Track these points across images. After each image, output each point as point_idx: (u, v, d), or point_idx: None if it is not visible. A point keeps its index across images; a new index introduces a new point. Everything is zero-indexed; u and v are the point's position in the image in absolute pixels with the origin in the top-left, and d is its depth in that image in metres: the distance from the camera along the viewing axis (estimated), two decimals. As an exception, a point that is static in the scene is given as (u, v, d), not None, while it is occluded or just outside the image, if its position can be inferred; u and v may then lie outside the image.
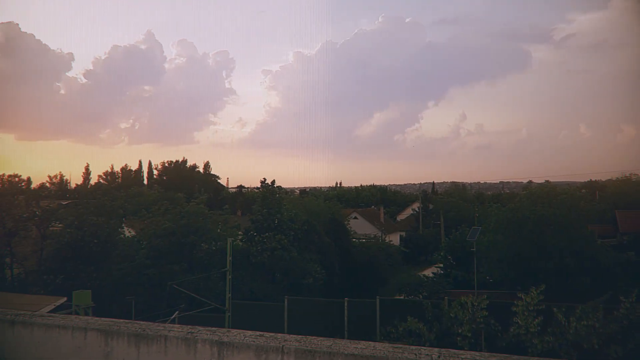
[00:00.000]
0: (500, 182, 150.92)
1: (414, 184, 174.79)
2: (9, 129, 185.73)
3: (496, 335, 19.49)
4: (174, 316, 21.06)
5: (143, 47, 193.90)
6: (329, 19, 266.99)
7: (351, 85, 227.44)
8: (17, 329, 3.70)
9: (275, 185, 35.40)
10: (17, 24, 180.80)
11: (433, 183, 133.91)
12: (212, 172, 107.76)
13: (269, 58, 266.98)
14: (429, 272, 35.98)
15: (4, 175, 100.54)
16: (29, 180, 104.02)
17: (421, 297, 28.09)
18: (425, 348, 2.69)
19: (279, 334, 2.96)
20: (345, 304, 24.74)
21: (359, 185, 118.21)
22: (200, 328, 3.18)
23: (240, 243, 32.67)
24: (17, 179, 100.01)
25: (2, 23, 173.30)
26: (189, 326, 3.26)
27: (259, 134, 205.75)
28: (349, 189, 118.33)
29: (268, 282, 29.58)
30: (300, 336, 2.89)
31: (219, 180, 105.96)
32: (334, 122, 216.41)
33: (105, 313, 19.22)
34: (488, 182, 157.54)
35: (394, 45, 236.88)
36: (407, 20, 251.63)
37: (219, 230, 32.77)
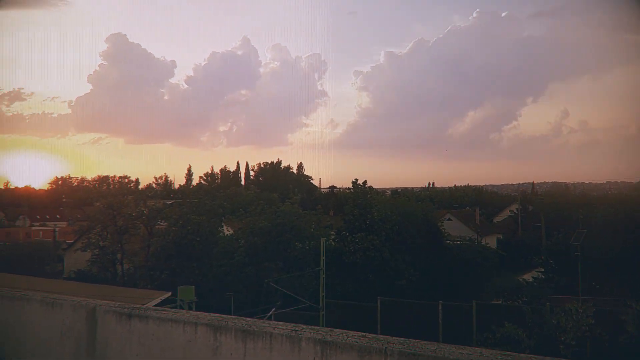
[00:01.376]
0: (607, 182, 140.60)
1: (512, 184, 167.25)
2: (120, 134, 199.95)
3: (603, 344, 18.27)
4: (270, 313, 21.66)
5: (239, 52, 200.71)
6: (421, 17, 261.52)
7: (444, 83, 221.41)
8: (133, 322, 3.97)
9: (366, 186, 35.39)
10: (125, 35, 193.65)
11: (532, 183, 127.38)
12: (305, 173, 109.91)
13: (360, 59, 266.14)
14: (528, 277, 34.37)
15: (115, 176, 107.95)
16: (137, 181, 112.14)
17: (520, 302, 26.89)
18: (536, 357, 2.58)
19: (381, 336, 2.95)
20: (440, 307, 24.23)
21: (452, 185, 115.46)
22: (304, 326, 3.25)
23: (333, 243, 32.97)
24: (126, 180, 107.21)
25: (112, 34, 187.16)
26: (292, 324, 3.34)
27: (350, 134, 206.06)
28: (442, 189, 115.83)
29: (360, 283, 29.61)
30: (402, 339, 2.87)
31: (311, 181, 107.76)
32: (426, 122, 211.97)
33: (206, 308, 20.12)
34: (593, 182, 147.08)
35: (489, 41, 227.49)
36: (503, 14, 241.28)
37: (312, 230, 33.27)
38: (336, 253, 30.93)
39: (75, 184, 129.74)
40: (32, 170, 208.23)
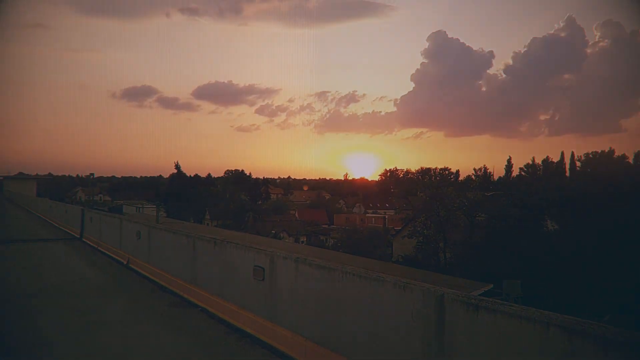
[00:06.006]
0: None
1: None
2: (439, 127, 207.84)
3: None
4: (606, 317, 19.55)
5: (562, 34, 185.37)
6: None
7: None
8: (480, 314, 4.01)
9: None
10: (445, 31, 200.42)
11: None
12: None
13: None
14: None
15: (436, 168, 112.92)
16: (456, 173, 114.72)
17: None
18: None
19: None
20: None
21: None
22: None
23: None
24: (447, 171, 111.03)
25: (433, 32, 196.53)
26: None
27: None
28: None
29: None
30: None
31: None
32: None
33: (530, 305, 19.26)
34: None
35: None
36: None
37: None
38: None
39: (401, 175, 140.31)
40: (365, 163, 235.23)
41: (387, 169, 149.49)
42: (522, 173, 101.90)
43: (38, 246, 17.84)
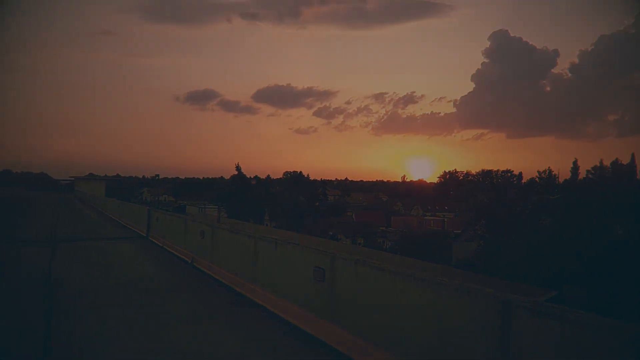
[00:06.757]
0: None
1: None
2: (500, 129, 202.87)
3: None
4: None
5: (632, 31, 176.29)
6: None
7: None
8: (548, 321, 3.77)
9: None
10: (507, 30, 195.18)
11: None
12: None
13: None
14: None
15: (497, 170, 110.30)
16: (519, 176, 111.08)
17: None
18: None
19: None
20: None
21: None
22: None
23: None
24: (509, 174, 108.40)
25: (494, 32, 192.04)
26: None
27: None
28: None
29: None
30: None
31: None
32: None
33: (599, 311, 18.46)
34: None
35: None
36: None
37: None
38: None
39: (460, 177, 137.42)
40: (424, 165, 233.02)
41: (446, 171, 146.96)
42: (590, 176, 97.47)
43: (108, 244, 18.64)
